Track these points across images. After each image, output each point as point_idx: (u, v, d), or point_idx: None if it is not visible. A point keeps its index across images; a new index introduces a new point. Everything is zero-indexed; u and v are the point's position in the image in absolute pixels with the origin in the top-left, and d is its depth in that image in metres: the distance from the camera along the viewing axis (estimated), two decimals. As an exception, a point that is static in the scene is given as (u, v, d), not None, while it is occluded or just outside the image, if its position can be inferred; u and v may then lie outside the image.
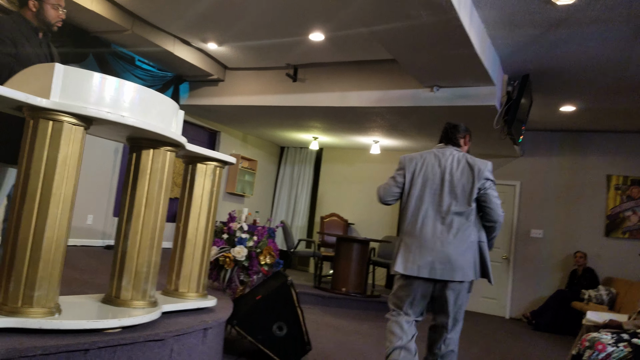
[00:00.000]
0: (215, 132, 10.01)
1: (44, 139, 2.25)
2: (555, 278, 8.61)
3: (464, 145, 3.61)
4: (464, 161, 3.42)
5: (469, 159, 3.42)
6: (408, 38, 5.00)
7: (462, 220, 3.30)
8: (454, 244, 3.27)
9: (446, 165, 3.42)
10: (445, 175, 3.39)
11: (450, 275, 3.24)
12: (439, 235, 3.30)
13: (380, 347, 4.98)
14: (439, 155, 3.50)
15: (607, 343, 3.37)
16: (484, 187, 3.33)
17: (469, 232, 3.30)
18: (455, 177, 3.37)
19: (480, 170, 3.34)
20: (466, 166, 3.38)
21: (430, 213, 3.36)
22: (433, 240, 3.31)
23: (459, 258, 3.24)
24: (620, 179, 8.44)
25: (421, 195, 3.43)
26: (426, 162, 3.50)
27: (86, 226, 7.50)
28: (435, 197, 3.39)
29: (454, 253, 3.25)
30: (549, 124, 8.56)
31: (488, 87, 6.18)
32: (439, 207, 3.36)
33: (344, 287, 7.66)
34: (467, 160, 3.41)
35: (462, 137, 3.61)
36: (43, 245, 2.24)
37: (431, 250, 3.29)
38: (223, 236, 4.26)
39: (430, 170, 3.45)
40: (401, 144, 9.63)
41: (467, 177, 3.35)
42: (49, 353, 2.11)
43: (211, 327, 3.20)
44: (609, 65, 5.77)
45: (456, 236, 3.28)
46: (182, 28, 6.67)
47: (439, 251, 3.27)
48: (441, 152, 3.52)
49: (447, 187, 3.36)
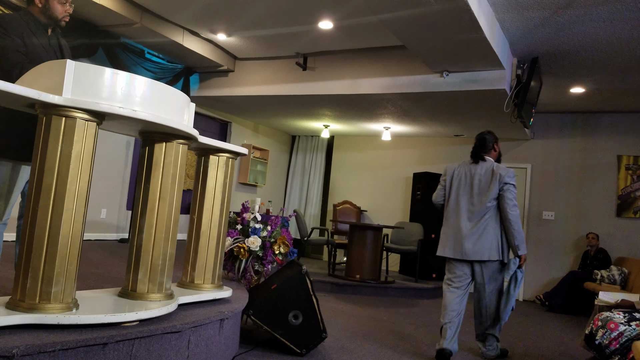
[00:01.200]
0: (227, 122, 10.02)
1: (58, 136, 2.27)
2: (567, 259, 8.60)
3: (494, 151, 4.52)
4: (490, 169, 4.34)
5: (495, 167, 4.33)
6: (417, 24, 4.97)
7: (485, 215, 4.25)
8: (477, 233, 4.25)
9: (475, 173, 4.39)
10: (475, 180, 4.35)
11: (478, 256, 4.23)
12: (466, 226, 4.29)
13: (396, 333, 5.00)
14: (470, 166, 4.47)
15: (619, 322, 3.37)
16: (503, 190, 4.22)
17: (489, 223, 4.24)
18: (482, 182, 4.32)
19: (501, 176, 4.24)
20: (491, 173, 4.31)
21: (462, 209, 4.35)
22: (462, 230, 4.29)
23: (482, 243, 4.21)
24: (630, 159, 8.37)
25: (456, 196, 4.42)
26: (461, 171, 4.48)
27: (100, 220, 7.56)
28: (465, 197, 4.37)
29: (477, 239, 4.23)
30: (559, 105, 8.49)
31: (498, 70, 6.13)
32: (468, 205, 4.34)
33: (358, 274, 7.68)
34: (492, 169, 4.33)
35: (491, 147, 4.51)
36: (59, 241, 2.27)
37: (461, 238, 4.29)
38: (237, 227, 4.28)
39: (463, 177, 4.44)
40: (412, 130, 9.60)
41: (491, 182, 4.27)
42: (68, 348, 2.14)
43: (227, 318, 3.23)
44: (618, 45, 5.70)
45: (477, 226, 4.26)
46: (191, 19, 6.67)
47: (466, 239, 4.26)
48: (472, 164, 4.48)
49: (475, 190, 4.32)
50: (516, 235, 4.20)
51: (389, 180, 10.57)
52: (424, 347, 4.59)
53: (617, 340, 3.30)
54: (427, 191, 9.22)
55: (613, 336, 3.33)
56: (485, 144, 4.48)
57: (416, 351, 4.40)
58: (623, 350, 3.26)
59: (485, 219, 4.24)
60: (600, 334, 3.39)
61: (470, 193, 4.35)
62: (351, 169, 11.13)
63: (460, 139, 9.86)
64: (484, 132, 4.59)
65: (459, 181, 4.43)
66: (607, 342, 3.33)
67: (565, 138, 8.92)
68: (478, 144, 4.52)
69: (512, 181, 4.24)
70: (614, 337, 3.32)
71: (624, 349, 3.26)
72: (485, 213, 4.23)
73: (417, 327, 5.49)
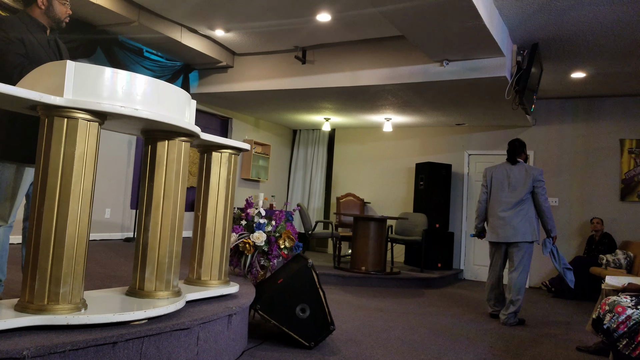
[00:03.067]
0: (227, 118, 10.01)
1: (60, 137, 2.27)
2: (573, 245, 8.59)
3: (523, 154, 5.63)
4: (523, 169, 5.51)
5: (527, 168, 5.51)
6: (416, 14, 4.94)
7: (521, 205, 5.42)
8: (515, 219, 5.41)
9: (510, 172, 5.55)
10: (511, 179, 5.51)
11: (514, 239, 5.41)
12: (505, 215, 5.46)
13: (403, 323, 5.01)
14: (506, 166, 5.63)
15: (626, 306, 3.38)
16: (536, 186, 5.41)
17: (525, 211, 5.41)
18: (518, 179, 5.47)
19: (534, 174, 5.43)
20: (524, 172, 5.48)
21: (501, 202, 5.51)
22: (501, 218, 5.48)
23: (519, 227, 5.39)
24: (633, 143, 8.35)
25: (495, 192, 5.60)
26: (498, 170, 5.65)
27: (104, 220, 7.58)
28: (503, 192, 5.53)
29: (515, 225, 5.40)
30: (561, 91, 8.46)
31: (498, 58, 6.11)
32: (506, 198, 5.49)
33: (363, 266, 7.69)
34: (525, 168, 5.51)
35: (521, 151, 5.62)
36: (65, 242, 2.27)
37: (501, 225, 5.48)
38: (241, 222, 4.28)
39: (499, 176, 5.61)
40: (413, 120, 9.58)
41: (525, 179, 5.44)
42: (78, 348, 2.15)
43: (235, 313, 3.24)
44: (618, 29, 5.67)
45: (517, 214, 5.42)
46: (188, 16, 6.65)
47: (506, 225, 5.45)
48: (508, 165, 5.62)
49: (512, 186, 5.48)
50: (549, 222, 5.41)
51: (392, 171, 10.57)
52: (432, 336, 4.60)
53: (625, 323, 3.30)
54: (430, 181, 9.23)
55: (621, 320, 3.33)
56: (516, 149, 5.60)
57: (424, 341, 4.41)
58: (631, 333, 3.27)
59: (520, 207, 5.41)
60: (608, 318, 3.40)
61: (508, 188, 5.50)
62: (353, 161, 11.12)
63: (461, 128, 9.84)
64: (514, 139, 5.67)
65: (496, 180, 5.60)
66: (615, 325, 3.34)
67: (567, 124, 8.90)
68: (510, 149, 5.63)
69: (542, 178, 5.42)
70: (622, 320, 3.33)
71: (632, 332, 3.26)
72: (521, 203, 5.40)
73: (423, 317, 5.50)
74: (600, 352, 4.34)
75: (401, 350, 4.06)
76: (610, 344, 3.47)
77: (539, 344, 4.64)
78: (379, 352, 3.95)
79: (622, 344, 3.30)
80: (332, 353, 3.79)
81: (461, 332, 4.90)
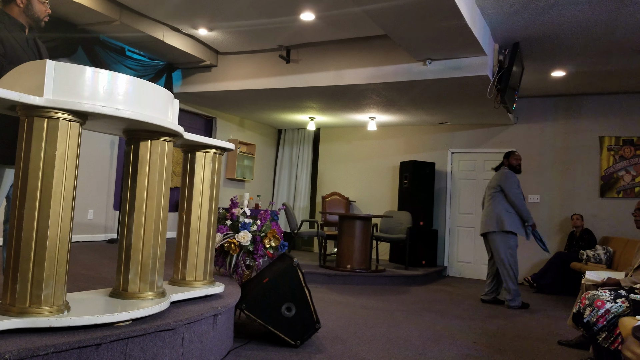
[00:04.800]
0: (211, 118, 9.97)
1: (41, 137, 2.25)
2: (554, 241, 8.70)
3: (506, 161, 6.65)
4: (498, 174, 6.56)
5: (499, 172, 6.57)
6: (399, 13, 4.96)
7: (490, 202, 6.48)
8: (483, 214, 6.57)
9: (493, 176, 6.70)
10: (492, 181, 6.60)
11: (482, 231, 6.55)
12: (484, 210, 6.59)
13: (388, 320, 5.03)
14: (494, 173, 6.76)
15: (605, 300, 3.43)
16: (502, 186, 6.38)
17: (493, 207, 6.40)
18: (492, 182, 6.59)
19: (499, 178, 6.47)
20: (497, 176, 6.53)
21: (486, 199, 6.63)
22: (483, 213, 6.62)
23: (485, 221, 6.47)
24: (612, 140, 8.48)
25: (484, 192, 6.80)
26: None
27: (87, 221, 7.51)
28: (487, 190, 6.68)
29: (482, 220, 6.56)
30: (541, 90, 8.55)
31: (480, 57, 6.16)
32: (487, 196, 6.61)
33: (348, 264, 7.71)
34: (498, 173, 6.56)
35: (505, 161, 6.65)
36: (47, 244, 2.25)
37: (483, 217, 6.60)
38: (226, 222, 4.27)
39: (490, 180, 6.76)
40: (397, 119, 9.61)
41: (495, 181, 6.51)
42: (62, 350, 2.14)
43: (221, 313, 3.24)
44: (597, 28, 5.74)
45: (485, 210, 6.53)
46: (171, 15, 6.60)
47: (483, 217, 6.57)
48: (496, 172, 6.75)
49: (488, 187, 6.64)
50: (522, 212, 6.27)
51: (376, 170, 10.60)
52: (416, 333, 4.63)
53: (604, 317, 3.36)
54: (414, 180, 9.28)
55: (600, 313, 3.39)
56: (505, 158, 6.68)
57: (408, 338, 4.43)
58: (610, 326, 3.33)
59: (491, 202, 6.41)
60: (588, 312, 3.45)
61: (487, 190, 6.63)
62: (338, 160, 11.13)
63: (445, 127, 9.90)
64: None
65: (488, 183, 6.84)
66: (594, 319, 3.39)
67: (548, 122, 9.00)
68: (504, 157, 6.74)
69: (507, 181, 6.35)
70: (601, 314, 3.38)
71: (611, 326, 3.32)
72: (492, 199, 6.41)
73: (408, 313, 5.53)
74: (581, 346, 4.41)
75: (386, 347, 4.08)
76: (591, 338, 3.53)
77: (521, 339, 4.69)
78: (364, 349, 3.97)
79: (601, 337, 3.36)
80: (318, 351, 3.80)
81: (445, 328, 4.93)
